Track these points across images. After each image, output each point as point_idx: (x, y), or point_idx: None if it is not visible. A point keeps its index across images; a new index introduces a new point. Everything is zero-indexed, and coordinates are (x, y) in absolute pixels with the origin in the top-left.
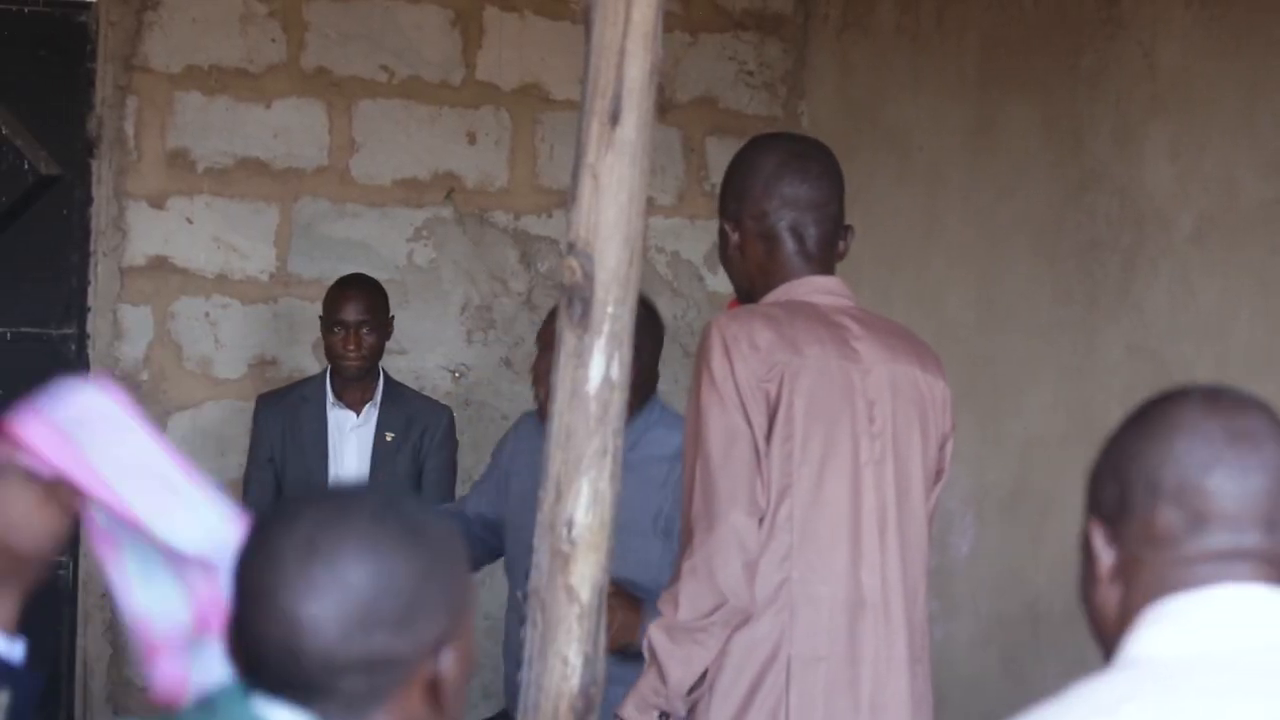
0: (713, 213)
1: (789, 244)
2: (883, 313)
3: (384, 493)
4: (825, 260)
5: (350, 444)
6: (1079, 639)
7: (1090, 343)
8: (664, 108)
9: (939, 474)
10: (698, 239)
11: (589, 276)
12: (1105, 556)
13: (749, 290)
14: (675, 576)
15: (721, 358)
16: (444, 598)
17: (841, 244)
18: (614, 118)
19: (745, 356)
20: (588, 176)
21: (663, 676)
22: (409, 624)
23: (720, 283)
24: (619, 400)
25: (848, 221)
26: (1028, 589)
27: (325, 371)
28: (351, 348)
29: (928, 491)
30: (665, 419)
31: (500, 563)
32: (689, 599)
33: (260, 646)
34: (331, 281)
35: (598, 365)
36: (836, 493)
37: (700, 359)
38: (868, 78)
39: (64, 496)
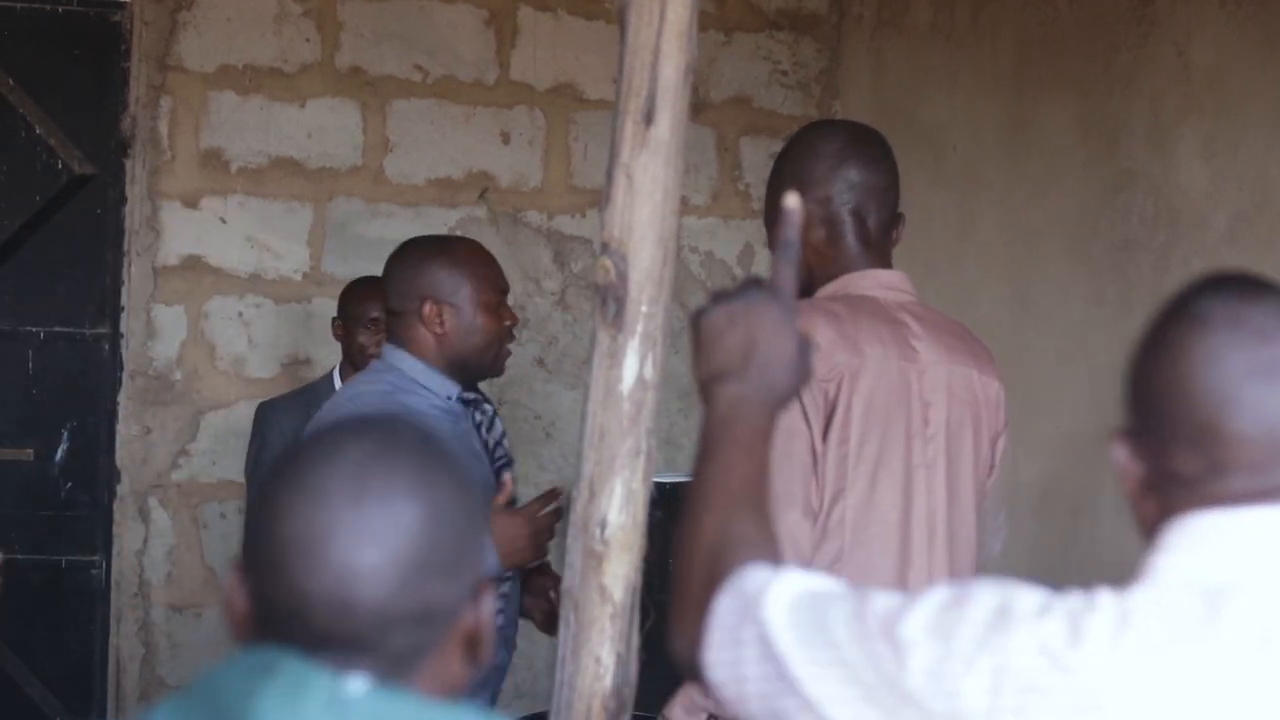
0: (747, 212)
1: (851, 229)
2: None
3: (416, 424)
4: (884, 247)
5: None
6: None
7: (1124, 342)
8: (698, 107)
9: (990, 469)
10: (731, 239)
11: (623, 276)
12: (1133, 470)
13: (806, 277)
14: None
15: None
16: (480, 541)
17: (895, 232)
18: (648, 117)
19: None
20: (622, 176)
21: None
22: (458, 569)
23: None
24: (652, 400)
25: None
26: (1059, 588)
27: (331, 376)
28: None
29: (979, 491)
30: None
31: None
32: None
33: (306, 599)
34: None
35: (631, 365)
36: (888, 496)
37: None
38: (902, 77)
39: None
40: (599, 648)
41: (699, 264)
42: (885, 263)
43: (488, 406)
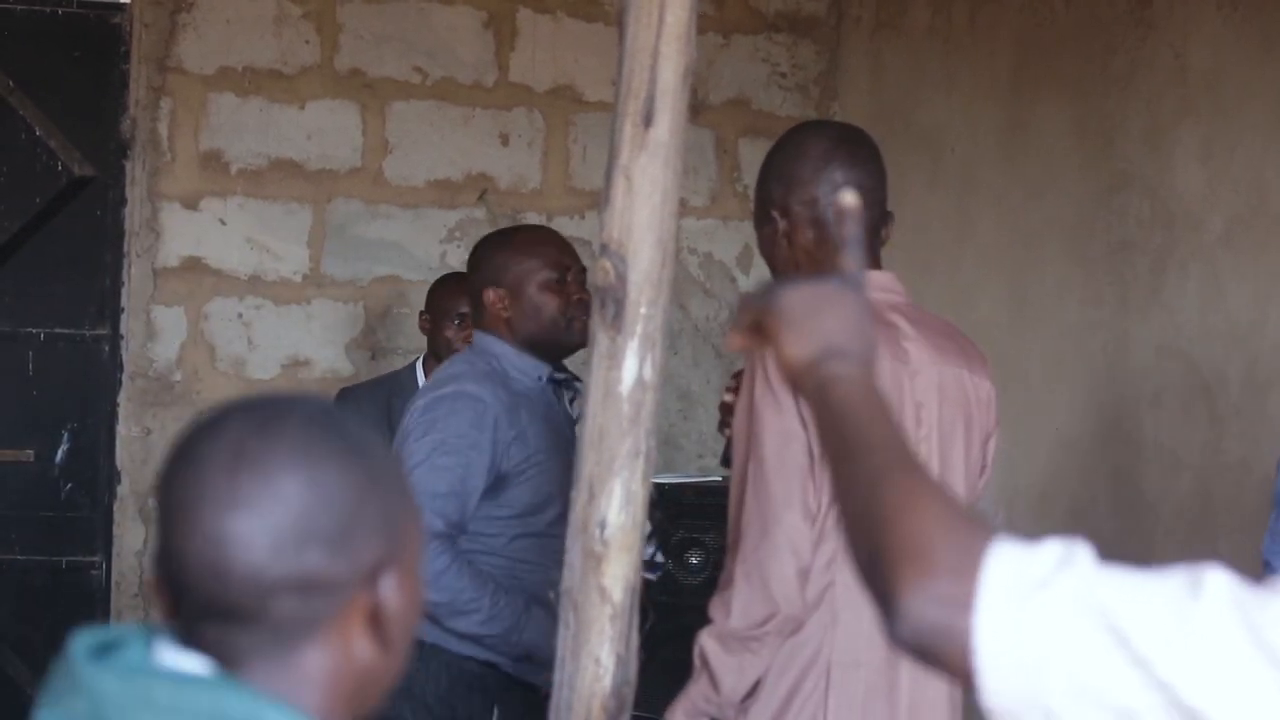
0: (746, 214)
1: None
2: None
3: (320, 402)
4: (873, 247)
5: None
6: None
7: (1120, 344)
8: (697, 109)
9: (982, 470)
10: (730, 240)
11: (622, 278)
12: None
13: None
14: (726, 581)
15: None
16: (384, 518)
17: (885, 230)
18: (647, 119)
19: None
20: (621, 178)
21: (715, 684)
22: (345, 543)
23: (753, 283)
24: (652, 401)
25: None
26: None
27: (413, 366)
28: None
29: (971, 491)
30: None
31: None
32: (742, 606)
33: (184, 567)
34: (365, 282)
35: (630, 366)
36: None
37: (754, 359)
38: (900, 79)
39: None
40: (598, 648)
41: (698, 265)
42: (874, 263)
43: (578, 384)
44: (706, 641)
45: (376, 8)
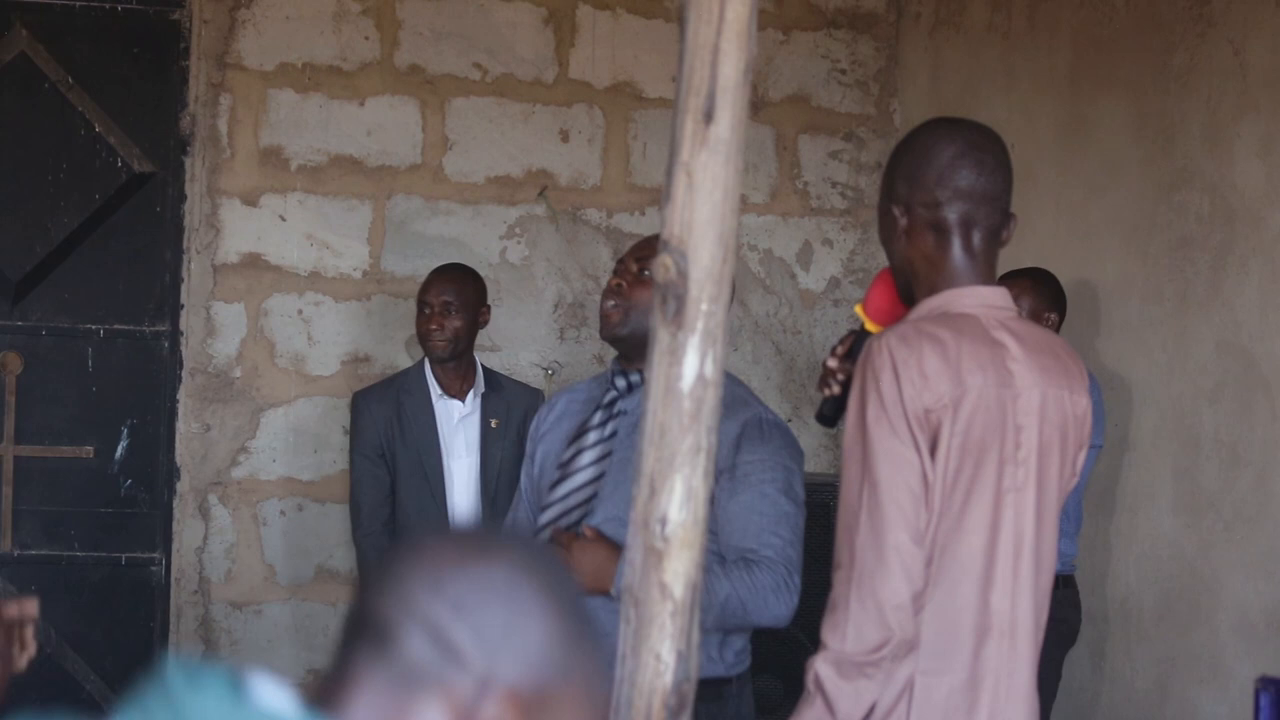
0: (805, 210)
1: (958, 238)
2: None
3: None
4: (989, 258)
5: (460, 433)
6: (1169, 637)
7: (1180, 340)
8: (757, 106)
9: (1073, 476)
10: (790, 236)
11: (683, 274)
12: None
13: (908, 278)
14: (836, 604)
15: (891, 382)
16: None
17: (1005, 232)
18: (708, 116)
19: (914, 383)
20: (681, 174)
21: (831, 710)
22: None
23: (812, 280)
24: (713, 397)
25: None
26: (1118, 586)
27: (422, 365)
28: (434, 327)
29: (1061, 497)
30: None
31: None
32: (856, 631)
33: None
34: (424, 278)
35: (691, 363)
36: (977, 520)
37: (867, 378)
38: (960, 75)
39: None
40: (659, 644)
41: (758, 262)
42: (990, 276)
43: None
44: (821, 667)
45: (436, 4)
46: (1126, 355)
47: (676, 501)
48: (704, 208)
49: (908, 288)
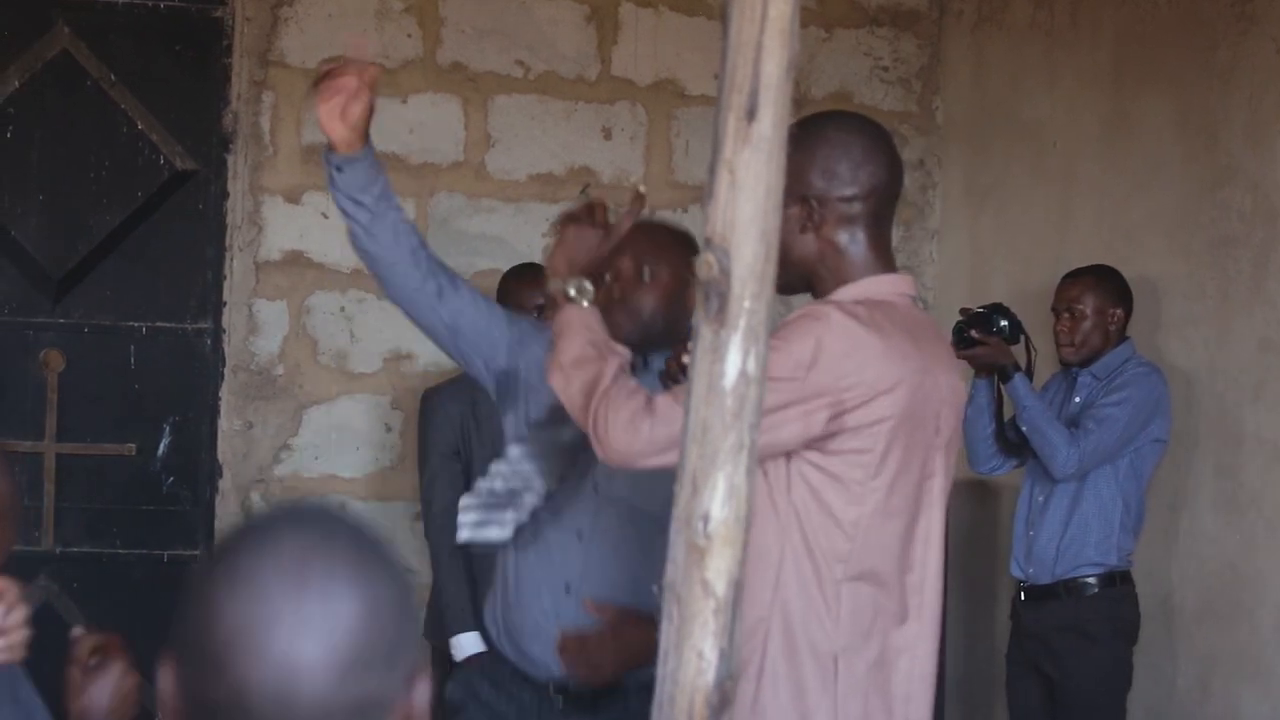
0: None
1: (871, 228)
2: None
3: (352, 513)
4: (889, 244)
5: None
6: (1211, 635)
7: (1222, 338)
8: (800, 103)
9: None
10: None
11: (725, 272)
12: None
13: (806, 273)
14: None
15: (814, 351)
16: (415, 626)
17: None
18: (751, 113)
19: (845, 357)
20: (724, 172)
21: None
22: (395, 660)
23: None
24: (755, 395)
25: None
26: (1159, 585)
27: None
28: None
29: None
30: None
31: None
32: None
33: (244, 694)
34: (468, 276)
35: (734, 360)
36: (901, 504)
37: (806, 332)
38: (1002, 73)
39: None
40: (701, 642)
41: None
42: (894, 264)
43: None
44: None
45: (478, 2)
46: (1168, 353)
47: (719, 499)
48: (746, 205)
49: (804, 280)
